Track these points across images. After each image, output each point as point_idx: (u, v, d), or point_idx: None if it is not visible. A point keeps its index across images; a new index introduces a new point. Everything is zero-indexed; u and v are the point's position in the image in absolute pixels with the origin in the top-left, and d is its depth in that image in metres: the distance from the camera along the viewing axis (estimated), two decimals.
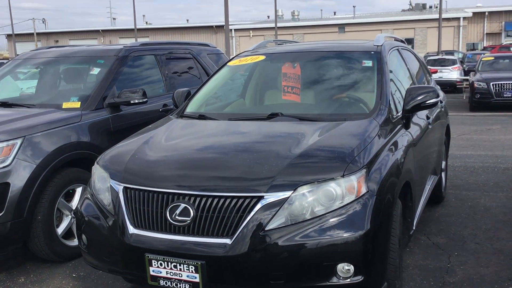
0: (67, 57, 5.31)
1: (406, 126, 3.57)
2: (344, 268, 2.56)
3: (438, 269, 3.80)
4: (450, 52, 31.57)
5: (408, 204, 3.43)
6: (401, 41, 5.20)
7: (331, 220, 2.59)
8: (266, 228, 2.54)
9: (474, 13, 43.80)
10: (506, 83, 13.43)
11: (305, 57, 4.19)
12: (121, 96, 4.66)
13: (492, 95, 13.53)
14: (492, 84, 13.52)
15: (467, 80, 17.21)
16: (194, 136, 3.33)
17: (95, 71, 4.90)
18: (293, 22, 47.91)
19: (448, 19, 41.22)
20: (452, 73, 19.90)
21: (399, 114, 3.58)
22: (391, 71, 3.95)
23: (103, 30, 56.89)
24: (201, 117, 3.68)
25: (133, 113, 4.89)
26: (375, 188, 2.74)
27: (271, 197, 2.58)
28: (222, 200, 2.60)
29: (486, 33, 45.63)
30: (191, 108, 3.92)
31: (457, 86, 19.48)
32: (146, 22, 61.80)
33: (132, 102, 4.66)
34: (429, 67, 18.29)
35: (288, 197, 2.58)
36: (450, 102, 16.70)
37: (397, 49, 4.42)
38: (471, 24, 44.52)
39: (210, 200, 2.61)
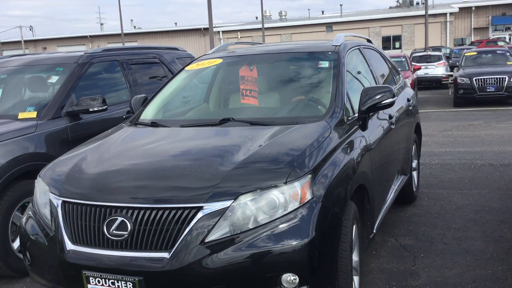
0: (27, 66, 5.18)
1: (363, 128, 3.48)
2: (289, 279, 2.46)
3: (402, 272, 3.71)
4: (438, 48, 31.60)
5: (366, 207, 3.35)
6: (367, 40, 5.13)
7: (274, 229, 2.50)
8: (206, 240, 2.45)
9: (460, 8, 43.91)
10: (489, 78, 13.39)
11: (262, 59, 4.10)
12: (80, 104, 4.56)
13: (475, 90, 13.48)
14: (475, 79, 13.48)
15: (452, 75, 17.17)
16: (138, 145, 3.22)
17: (53, 79, 4.78)
18: (281, 23, 47.84)
19: (434, 15, 41.29)
20: (438, 69, 19.83)
21: (355, 115, 3.50)
22: (350, 72, 3.87)
23: (91, 36, 56.57)
24: (154, 124, 3.58)
25: (95, 121, 4.79)
26: (322, 193, 2.65)
27: (211, 207, 2.48)
28: (160, 212, 2.50)
29: (474, 28, 45.73)
30: (145, 115, 3.82)
31: (443, 82, 19.43)
32: (134, 27, 61.60)
33: (91, 110, 4.55)
34: (414, 63, 18.28)
35: (229, 206, 2.49)
36: (435, 98, 16.76)
37: (359, 49, 4.34)
38: (458, 19, 44.63)
39: (148, 212, 2.51)
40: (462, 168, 6.73)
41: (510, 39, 35.96)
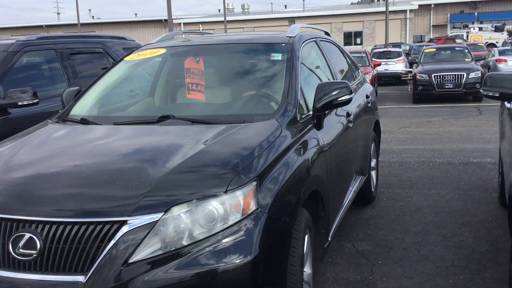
0: None
1: (318, 127, 3.18)
2: None
3: (359, 283, 3.44)
4: (398, 45, 31.92)
5: (320, 214, 3.06)
6: (325, 32, 4.84)
7: (213, 245, 2.15)
8: (131, 260, 2.08)
9: (420, 6, 44.61)
10: (447, 75, 13.44)
11: (210, 50, 3.75)
12: (8, 97, 4.09)
13: (434, 86, 13.51)
14: (434, 76, 13.50)
15: (411, 72, 17.24)
16: (60, 147, 2.79)
17: None
18: (243, 16, 47.45)
19: (395, 12, 41.77)
20: (398, 65, 19.93)
21: (310, 113, 3.19)
22: (305, 65, 3.56)
23: (47, 26, 54.64)
24: (84, 121, 3.17)
25: (26, 116, 4.32)
26: (269, 202, 2.33)
27: (136, 221, 2.11)
28: (76, 228, 2.12)
29: (433, 25, 46.65)
30: (76, 110, 3.40)
31: (402, 78, 19.56)
32: (93, 17, 59.84)
33: (20, 103, 4.09)
34: (374, 59, 18.27)
35: (158, 220, 2.13)
36: (395, 94, 16.78)
37: (315, 41, 4.04)
38: (417, 16, 45.36)
39: (61, 227, 2.12)
40: (421, 166, 6.57)
41: (467, 36, 36.75)
